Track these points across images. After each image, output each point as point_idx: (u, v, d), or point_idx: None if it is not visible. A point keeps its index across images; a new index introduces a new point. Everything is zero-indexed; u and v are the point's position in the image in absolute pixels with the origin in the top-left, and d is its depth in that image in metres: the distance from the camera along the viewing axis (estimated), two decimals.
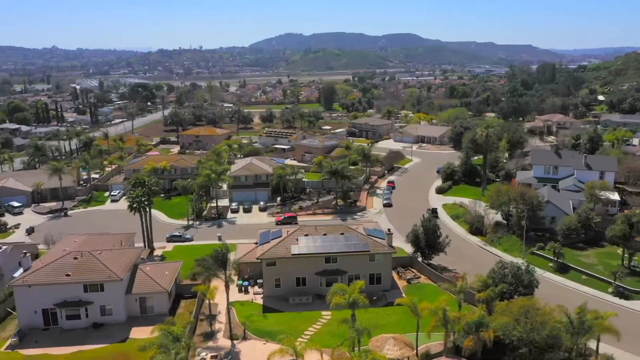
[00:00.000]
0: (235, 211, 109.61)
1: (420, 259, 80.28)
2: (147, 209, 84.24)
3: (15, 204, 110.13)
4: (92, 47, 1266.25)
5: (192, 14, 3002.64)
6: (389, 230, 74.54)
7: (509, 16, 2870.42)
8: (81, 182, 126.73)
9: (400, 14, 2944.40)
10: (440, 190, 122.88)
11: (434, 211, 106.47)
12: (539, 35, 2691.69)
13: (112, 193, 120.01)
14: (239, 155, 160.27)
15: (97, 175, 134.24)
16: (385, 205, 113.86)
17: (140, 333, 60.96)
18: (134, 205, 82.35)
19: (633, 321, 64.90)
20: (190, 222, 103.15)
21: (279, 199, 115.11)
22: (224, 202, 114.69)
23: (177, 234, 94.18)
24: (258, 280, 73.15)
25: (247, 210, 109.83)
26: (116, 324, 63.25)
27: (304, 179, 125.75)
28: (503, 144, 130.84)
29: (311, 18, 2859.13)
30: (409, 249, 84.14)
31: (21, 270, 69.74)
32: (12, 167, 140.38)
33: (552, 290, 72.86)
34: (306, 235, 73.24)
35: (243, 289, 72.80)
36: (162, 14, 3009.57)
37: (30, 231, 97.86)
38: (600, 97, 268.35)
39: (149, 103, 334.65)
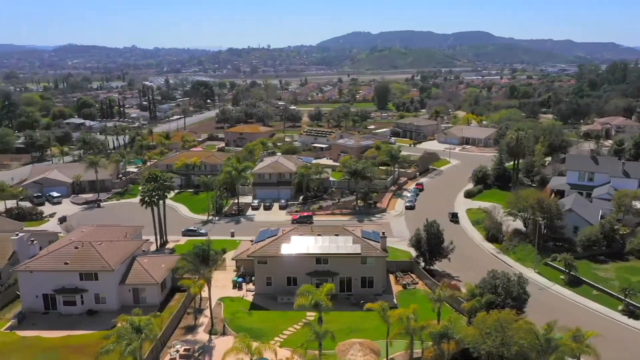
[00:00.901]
0: (255, 208, 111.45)
1: (422, 264, 78.34)
2: (159, 203, 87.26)
3: (55, 194, 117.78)
4: (167, 46, 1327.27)
5: (262, 13, 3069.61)
6: (383, 233, 73.16)
7: (589, 12, 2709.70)
8: (120, 176, 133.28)
9: (471, 12, 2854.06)
10: (468, 194, 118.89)
11: (454, 215, 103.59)
12: (623, 31, 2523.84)
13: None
14: (278, 153, 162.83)
15: (136, 169, 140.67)
16: (407, 208, 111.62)
17: None
18: (145, 199, 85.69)
19: (635, 341, 60.19)
20: (210, 218, 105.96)
21: (301, 197, 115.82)
22: (248, 199, 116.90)
23: (193, 228, 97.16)
24: (252, 278, 74.09)
25: (268, 208, 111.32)
26: (109, 312, 66.08)
27: (330, 179, 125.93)
28: (539, 148, 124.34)
29: (379, 16, 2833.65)
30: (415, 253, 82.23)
31: None
32: (63, 159, 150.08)
33: (556, 304, 69.06)
34: (300, 235, 73.32)
35: (237, 286, 74.00)
36: (233, 14, 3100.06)
37: (62, 220, 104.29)
38: None
39: (208, 100, 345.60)
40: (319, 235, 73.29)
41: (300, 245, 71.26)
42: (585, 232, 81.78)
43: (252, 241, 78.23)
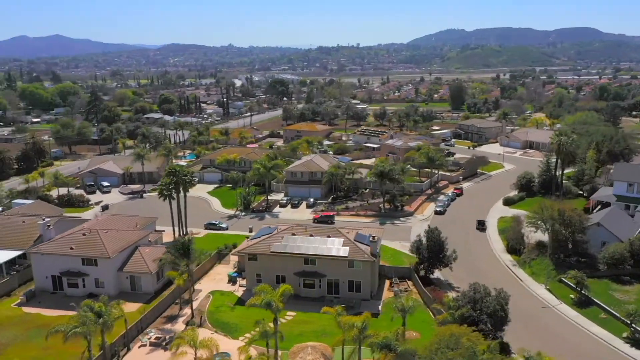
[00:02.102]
0: (283, 206, 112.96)
1: (423, 272, 75.67)
2: (177, 196, 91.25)
3: (105, 183, 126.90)
4: (262, 45, 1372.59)
5: (354, 11, 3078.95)
6: (373, 237, 71.38)
7: None
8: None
9: (576, 6, 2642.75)
10: (507, 202, 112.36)
11: (481, 223, 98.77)
12: None
13: None
14: (329, 152, 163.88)
15: (184, 163, 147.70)
16: (436, 213, 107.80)
17: None
18: (163, 192, 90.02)
19: None
20: (237, 213, 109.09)
21: (331, 197, 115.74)
22: (280, 197, 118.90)
23: (214, 222, 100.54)
24: None
25: (295, 206, 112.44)
26: (107, 297, 70.46)
27: (368, 179, 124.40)
28: (591, 154, 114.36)
29: (475, 13, 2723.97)
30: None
31: None
32: (124, 152, 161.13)
33: (553, 324, 64.00)
34: (293, 234, 73.64)
35: (232, 280, 75.78)
36: (326, 12, 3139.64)
37: (104, 208, 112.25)
38: None
39: (284, 98, 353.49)
40: (311, 235, 73.21)
41: (290, 244, 71.58)
42: (610, 249, 74.62)
43: (247, 237, 79.71)
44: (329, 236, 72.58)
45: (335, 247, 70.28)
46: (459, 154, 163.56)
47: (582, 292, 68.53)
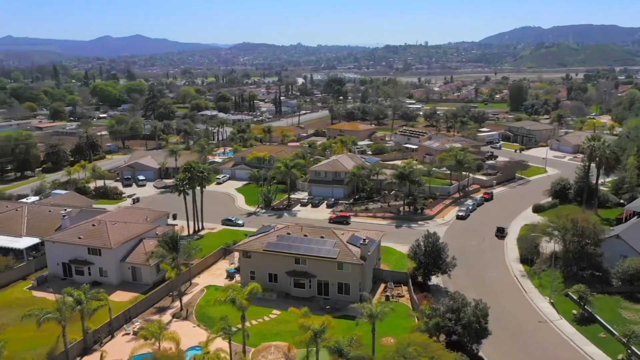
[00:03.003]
0: (304, 205, 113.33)
1: (419, 278, 73.62)
2: (191, 192, 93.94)
3: (141, 177, 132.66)
4: (329, 44, 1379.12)
5: (422, 8, 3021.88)
6: (364, 240, 70.10)
7: None
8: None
9: None
10: (537, 209, 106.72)
11: (500, 230, 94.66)
12: None
13: (217, 176, 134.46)
14: (368, 152, 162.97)
15: (219, 159, 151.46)
16: (457, 218, 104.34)
17: (117, 296, 70.95)
18: (178, 188, 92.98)
19: None
20: (257, 210, 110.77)
21: (353, 198, 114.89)
22: (304, 195, 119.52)
23: (231, 218, 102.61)
24: None
25: (315, 205, 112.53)
26: (109, 285, 73.96)
27: (389, 180, 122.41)
28: (632, 161, 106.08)
29: (553, 10, 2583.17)
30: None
31: None
32: (167, 147, 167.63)
33: (544, 340, 60.39)
34: (288, 233, 73.89)
35: (229, 276, 77.18)
36: (393, 10, 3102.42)
37: (135, 201, 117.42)
38: None
39: (340, 97, 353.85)
40: (305, 235, 73.14)
41: (282, 243, 71.88)
42: (624, 263, 69.27)
43: (245, 235, 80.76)
44: (322, 237, 72.20)
45: (326, 248, 69.80)
46: (503, 157, 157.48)
47: (585, 307, 64.11)
